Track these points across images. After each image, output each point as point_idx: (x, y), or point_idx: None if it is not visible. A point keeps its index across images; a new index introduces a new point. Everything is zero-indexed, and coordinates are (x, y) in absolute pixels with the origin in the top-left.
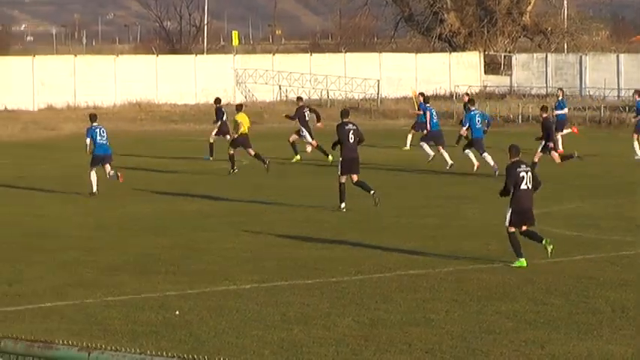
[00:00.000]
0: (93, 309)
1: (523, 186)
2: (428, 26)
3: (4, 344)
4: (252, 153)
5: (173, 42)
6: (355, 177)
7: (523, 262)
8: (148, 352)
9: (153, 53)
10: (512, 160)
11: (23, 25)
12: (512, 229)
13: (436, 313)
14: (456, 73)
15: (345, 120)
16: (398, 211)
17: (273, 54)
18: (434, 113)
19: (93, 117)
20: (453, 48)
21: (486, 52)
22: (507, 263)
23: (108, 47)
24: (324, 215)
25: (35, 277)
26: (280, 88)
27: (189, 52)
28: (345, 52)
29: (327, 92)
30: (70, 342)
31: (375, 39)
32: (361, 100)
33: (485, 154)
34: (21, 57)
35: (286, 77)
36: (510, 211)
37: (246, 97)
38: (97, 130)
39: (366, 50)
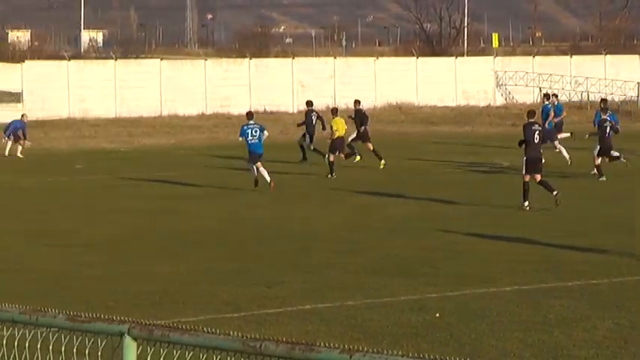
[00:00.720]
0: (353, 311)
1: None
2: None
3: (265, 347)
4: (343, 158)
5: (433, 44)
6: (538, 177)
7: None
8: (410, 354)
9: (413, 55)
10: None
11: (282, 27)
12: None
13: None
14: None
15: (531, 120)
16: None
17: (533, 56)
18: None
19: (249, 115)
20: None
21: None
22: None
23: (367, 49)
24: (578, 217)
25: (296, 280)
26: (540, 91)
27: (449, 54)
28: (605, 54)
29: (587, 94)
30: (331, 344)
31: (635, 41)
32: (621, 102)
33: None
34: (280, 59)
35: (546, 79)
36: None
37: (506, 99)
38: (250, 129)
39: (626, 52)
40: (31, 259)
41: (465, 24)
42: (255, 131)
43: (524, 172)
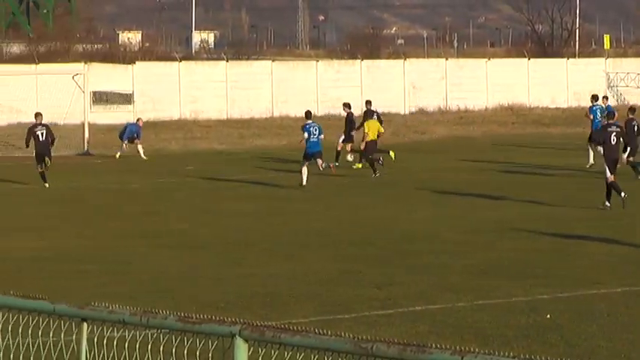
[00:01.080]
0: (464, 312)
1: None
2: None
3: (377, 348)
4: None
5: (545, 45)
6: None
7: None
8: (521, 355)
9: (524, 56)
10: None
11: (394, 28)
12: None
13: None
14: None
15: (609, 122)
16: None
17: None
18: (597, 114)
19: (308, 114)
20: None
21: None
22: None
23: (479, 50)
24: None
25: (406, 281)
26: None
27: (561, 56)
28: None
29: None
30: (442, 345)
31: None
32: None
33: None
34: (392, 60)
35: None
36: None
37: (617, 101)
38: (311, 128)
39: None
40: (141, 259)
41: (577, 25)
42: (316, 129)
43: (607, 173)
